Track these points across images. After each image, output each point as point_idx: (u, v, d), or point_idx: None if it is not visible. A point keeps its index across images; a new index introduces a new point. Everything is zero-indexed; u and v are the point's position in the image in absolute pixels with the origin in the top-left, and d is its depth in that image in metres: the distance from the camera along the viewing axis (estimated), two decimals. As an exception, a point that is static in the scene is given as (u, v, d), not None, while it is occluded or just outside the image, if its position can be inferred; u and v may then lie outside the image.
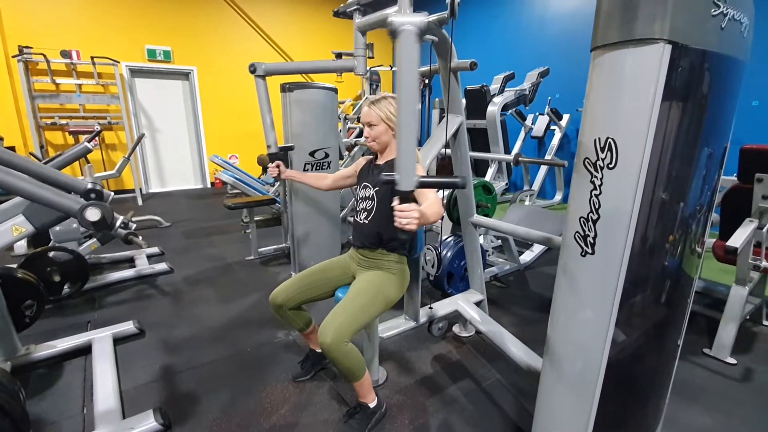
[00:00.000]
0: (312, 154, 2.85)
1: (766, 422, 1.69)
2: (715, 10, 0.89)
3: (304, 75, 7.53)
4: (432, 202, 1.30)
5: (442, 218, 1.94)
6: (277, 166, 1.93)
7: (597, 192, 1.01)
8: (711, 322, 2.40)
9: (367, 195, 1.64)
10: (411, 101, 1.01)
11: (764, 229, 1.99)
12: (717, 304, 2.59)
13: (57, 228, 2.76)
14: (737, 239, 1.88)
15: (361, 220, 1.65)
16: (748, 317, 2.39)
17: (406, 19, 0.97)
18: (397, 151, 1.07)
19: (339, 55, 4.55)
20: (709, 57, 0.94)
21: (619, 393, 1.19)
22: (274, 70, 2.28)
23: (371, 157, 1.77)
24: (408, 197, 1.08)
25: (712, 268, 3.13)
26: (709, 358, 2.11)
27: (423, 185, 1.09)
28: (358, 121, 5.31)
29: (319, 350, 1.92)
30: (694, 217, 1.09)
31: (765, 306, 2.45)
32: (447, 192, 2.79)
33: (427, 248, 2.41)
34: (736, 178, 2.21)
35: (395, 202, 1.10)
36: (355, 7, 1.96)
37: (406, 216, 1.08)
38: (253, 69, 2.20)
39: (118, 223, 1.52)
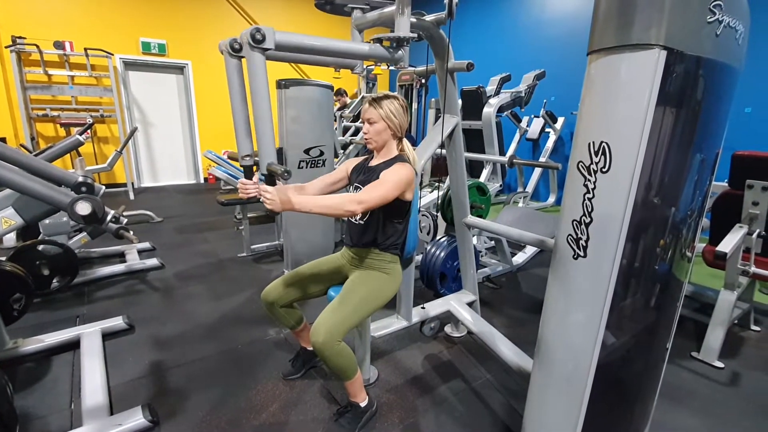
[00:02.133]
0: (307, 151, 2.84)
1: (753, 425, 1.72)
2: (710, 17, 0.90)
3: (300, 72, 7.50)
4: (334, 196, 1.41)
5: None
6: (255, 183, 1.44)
7: (590, 195, 1.02)
8: (699, 326, 2.43)
9: None
10: (264, 99, 1.33)
11: (753, 235, 2.02)
12: (706, 309, 2.62)
13: (47, 221, 2.73)
14: (727, 244, 1.90)
15: (355, 220, 1.64)
16: (736, 322, 2.43)
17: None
18: (258, 139, 1.34)
19: None
20: (704, 64, 0.94)
21: (608, 395, 1.20)
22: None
23: (360, 159, 1.76)
24: (271, 181, 1.35)
25: (701, 273, 3.17)
26: (697, 362, 2.13)
27: (269, 169, 1.34)
28: (354, 119, 5.29)
29: (310, 348, 1.92)
30: (685, 222, 1.10)
31: (753, 311, 2.49)
32: (441, 192, 2.79)
33: (423, 214, 2.37)
34: (727, 184, 2.24)
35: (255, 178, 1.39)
36: (353, 5, 1.95)
37: (241, 188, 1.36)
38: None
39: (109, 218, 1.51)
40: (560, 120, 5.59)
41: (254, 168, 1.49)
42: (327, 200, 1.38)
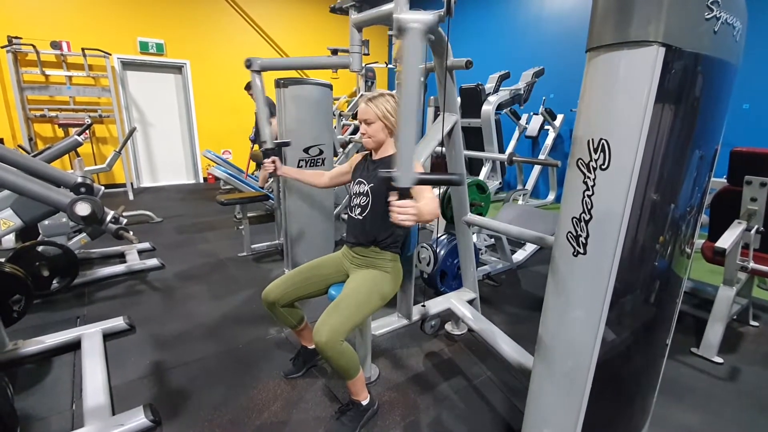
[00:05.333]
0: (306, 150, 2.84)
1: (752, 421, 1.72)
2: (708, 14, 0.90)
3: (299, 71, 7.49)
4: (429, 200, 1.31)
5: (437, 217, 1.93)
6: (273, 162, 1.89)
7: (590, 192, 1.02)
8: (699, 322, 2.44)
9: (362, 191, 1.64)
10: (412, 99, 1.03)
11: (752, 231, 2.02)
12: (705, 305, 2.63)
13: (46, 222, 2.72)
14: (725, 241, 1.90)
15: (355, 215, 1.65)
16: (735, 317, 2.43)
17: (413, 16, 0.99)
18: (397, 148, 1.07)
19: (335, 52, 4.52)
20: (702, 60, 0.94)
21: (609, 391, 1.20)
22: (270, 65, 2.26)
23: (366, 152, 1.77)
24: (406, 193, 1.09)
25: (700, 269, 3.17)
26: (697, 358, 2.14)
27: (421, 182, 1.10)
28: (353, 118, 5.28)
29: (310, 347, 1.92)
30: (685, 219, 1.11)
31: (751, 307, 2.49)
32: (441, 190, 2.79)
33: (422, 246, 2.40)
34: (725, 180, 2.24)
35: (392, 198, 1.11)
36: (351, 4, 1.95)
37: (403, 212, 1.09)
38: (248, 64, 2.16)
39: (108, 218, 1.51)
40: (559, 117, 5.59)
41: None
42: (435, 209, 1.30)
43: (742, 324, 2.49)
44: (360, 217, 1.63)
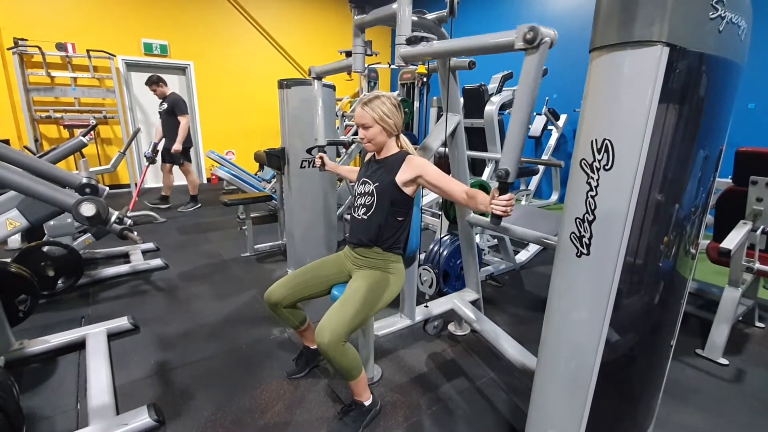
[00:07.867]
0: (309, 151, 2.84)
1: (757, 423, 1.71)
2: (713, 13, 0.90)
3: (302, 72, 7.51)
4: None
5: (440, 217, 1.94)
6: (321, 158, 2.11)
7: (593, 193, 1.02)
8: (704, 323, 2.42)
9: (366, 191, 1.64)
10: (528, 103, 1.17)
11: (757, 232, 2.01)
12: (710, 306, 2.61)
13: (51, 222, 2.74)
14: (731, 241, 1.89)
15: (359, 215, 1.65)
16: (740, 319, 2.42)
17: (546, 30, 1.10)
18: (506, 146, 1.20)
19: (349, 54, 4.52)
20: (707, 60, 0.94)
21: (613, 393, 1.19)
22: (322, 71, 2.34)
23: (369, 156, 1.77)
24: (505, 188, 1.26)
25: (705, 270, 3.15)
26: (702, 359, 2.13)
27: (519, 174, 1.25)
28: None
29: (313, 347, 1.93)
30: (689, 219, 1.10)
31: (757, 308, 2.48)
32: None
33: (424, 269, 2.39)
34: (730, 181, 2.23)
35: (495, 193, 1.27)
36: (352, 4, 1.95)
37: (509, 204, 1.26)
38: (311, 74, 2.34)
39: (113, 219, 1.52)
40: (563, 117, 5.57)
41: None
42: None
43: (748, 325, 2.47)
44: (364, 217, 1.63)
